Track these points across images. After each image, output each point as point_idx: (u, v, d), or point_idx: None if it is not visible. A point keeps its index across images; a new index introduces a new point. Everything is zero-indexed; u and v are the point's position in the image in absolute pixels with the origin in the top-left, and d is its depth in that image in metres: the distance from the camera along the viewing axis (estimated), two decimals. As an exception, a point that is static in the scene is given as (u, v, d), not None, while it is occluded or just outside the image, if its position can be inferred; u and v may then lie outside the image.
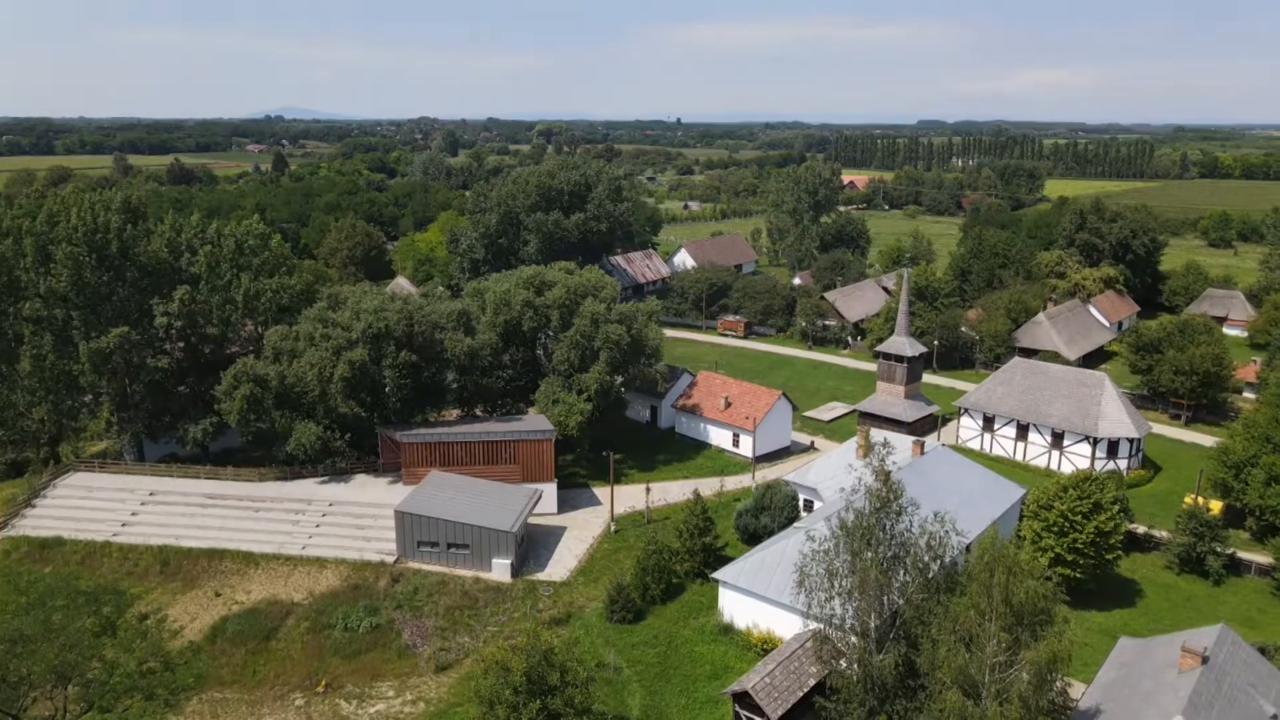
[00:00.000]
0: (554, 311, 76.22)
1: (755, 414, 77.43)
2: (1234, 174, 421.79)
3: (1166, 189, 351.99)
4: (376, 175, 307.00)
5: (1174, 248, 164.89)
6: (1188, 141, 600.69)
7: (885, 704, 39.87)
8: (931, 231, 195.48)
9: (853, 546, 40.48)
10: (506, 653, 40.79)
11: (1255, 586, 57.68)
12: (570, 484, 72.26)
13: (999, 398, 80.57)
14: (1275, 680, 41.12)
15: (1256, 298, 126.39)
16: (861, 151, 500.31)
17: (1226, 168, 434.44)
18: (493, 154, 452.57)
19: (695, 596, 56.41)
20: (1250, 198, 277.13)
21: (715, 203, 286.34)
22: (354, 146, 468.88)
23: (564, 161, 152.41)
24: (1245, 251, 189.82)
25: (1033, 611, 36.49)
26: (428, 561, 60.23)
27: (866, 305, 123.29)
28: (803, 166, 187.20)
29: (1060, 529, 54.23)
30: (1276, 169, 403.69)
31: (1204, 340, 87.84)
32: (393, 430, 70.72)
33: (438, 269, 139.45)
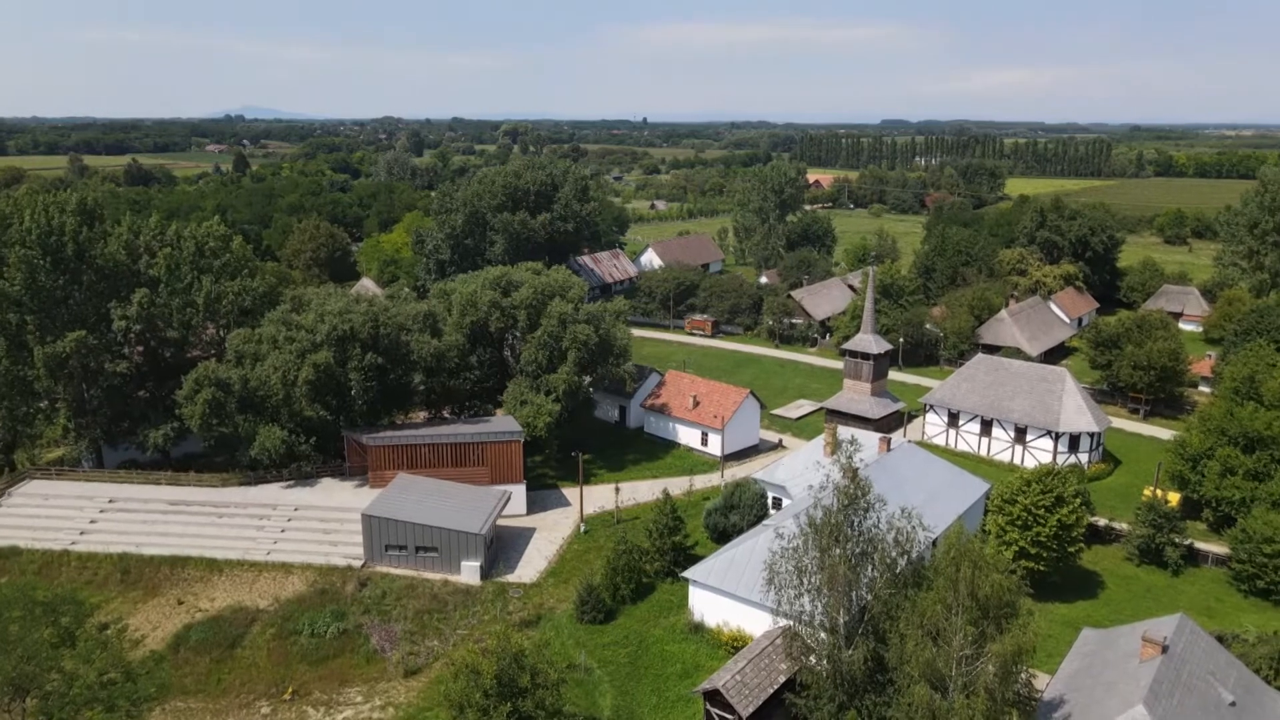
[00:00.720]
0: (521, 312, 75.91)
1: (723, 412, 77.71)
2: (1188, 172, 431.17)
3: (1123, 187, 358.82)
4: (340, 176, 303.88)
5: (1131, 245, 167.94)
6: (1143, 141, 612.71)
7: (854, 699, 40.18)
8: (896, 230, 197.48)
9: (821, 543, 40.75)
10: (476, 655, 40.54)
11: (1212, 576, 58.94)
12: (539, 485, 72.01)
13: (963, 394, 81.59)
14: (1233, 668, 42.05)
15: (1210, 293, 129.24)
16: (826, 151, 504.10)
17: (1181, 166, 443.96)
18: (458, 154, 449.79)
19: (665, 595, 56.48)
20: (1203, 196, 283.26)
21: (682, 202, 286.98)
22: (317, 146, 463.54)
23: (530, 161, 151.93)
24: (1199, 248, 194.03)
25: (998, 605, 36.99)
26: (396, 565, 59.68)
27: (832, 303, 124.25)
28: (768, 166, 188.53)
29: (1024, 523, 55.03)
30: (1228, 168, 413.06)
31: (1161, 336, 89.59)
32: (359, 433, 70.00)
33: (403, 270, 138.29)
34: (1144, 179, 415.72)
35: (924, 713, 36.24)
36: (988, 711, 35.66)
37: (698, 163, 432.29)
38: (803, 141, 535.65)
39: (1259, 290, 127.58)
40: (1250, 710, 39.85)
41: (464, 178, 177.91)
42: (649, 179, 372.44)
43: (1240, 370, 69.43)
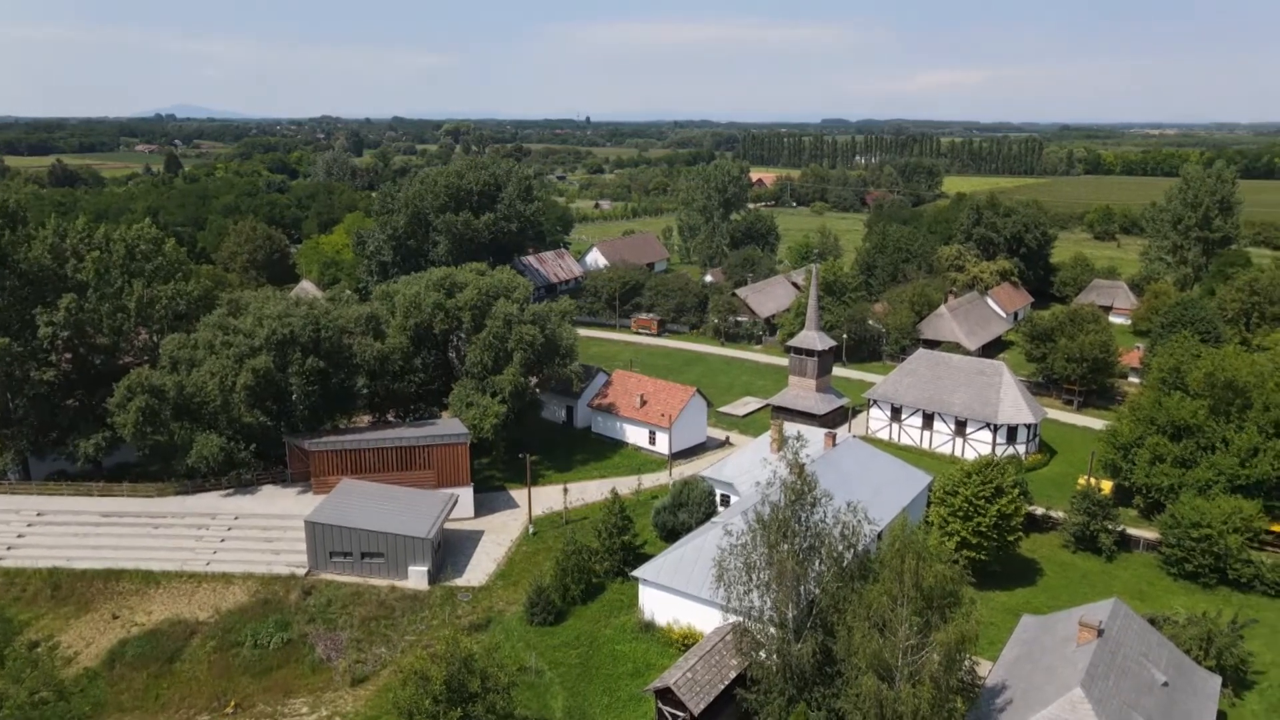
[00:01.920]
0: (466, 313, 75.20)
1: (670, 411, 77.96)
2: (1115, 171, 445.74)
3: (1055, 185, 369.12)
4: (277, 176, 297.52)
5: (1063, 241, 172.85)
6: (1073, 140, 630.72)
7: (804, 692, 40.63)
8: (838, 228, 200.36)
9: (769, 539, 41.10)
10: (425, 661, 40.02)
11: (1144, 561, 60.93)
12: (487, 487, 71.43)
13: (905, 388, 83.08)
14: (1164, 649, 43.56)
15: (1138, 287, 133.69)
16: (769, 150, 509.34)
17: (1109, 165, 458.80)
18: (399, 154, 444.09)
19: (615, 595, 56.45)
20: (1130, 193, 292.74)
21: (626, 201, 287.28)
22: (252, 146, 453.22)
23: (473, 161, 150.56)
24: (1127, 244, 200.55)
25: (942, 594, 37.76)
26: (341, 572, 58.67)
27: (777, 301, 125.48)
28: (712, 165, 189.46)
29: (965, 513, 56.23)
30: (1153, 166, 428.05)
31: (1092, 329, 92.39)
32: (300, 439, 68.63)
33: (344, 272, 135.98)
34: (1074, 177, 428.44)
35: (871, 703, 36.83)
36: (933, 700, 36.37)
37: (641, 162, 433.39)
38: (745, 141, 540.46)
39: (1183, 284, 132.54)
40: (1181, 689, 41.34)
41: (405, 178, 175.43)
42: (593, 178, 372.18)
43: (1167, 361, 71.87)
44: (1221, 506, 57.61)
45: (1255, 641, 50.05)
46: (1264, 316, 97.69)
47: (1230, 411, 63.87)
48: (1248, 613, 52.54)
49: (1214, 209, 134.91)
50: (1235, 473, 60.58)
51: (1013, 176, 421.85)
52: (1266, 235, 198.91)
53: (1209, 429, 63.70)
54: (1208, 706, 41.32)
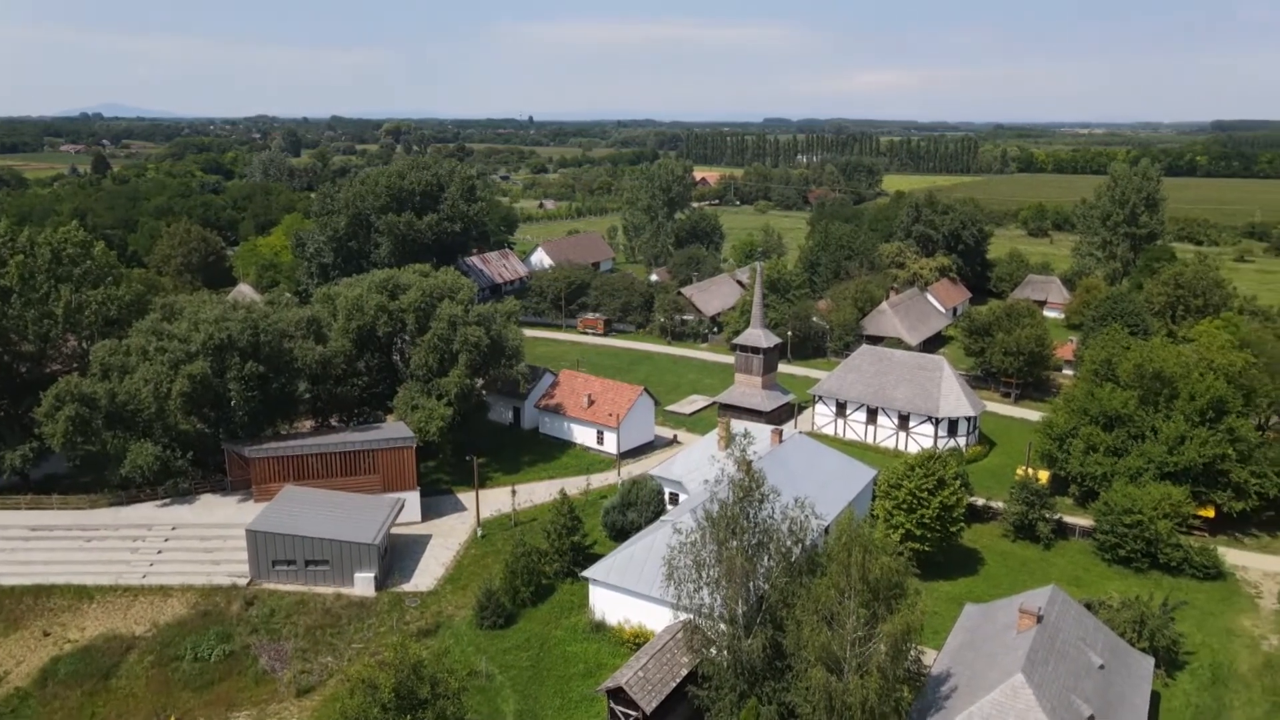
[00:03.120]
0: (409, 315, 74.23)
1: (618, 410, 77.98)
2: (1047, 169, 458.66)
3: (990, 183, 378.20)
4: (211, 177, 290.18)
5: (999, 237, 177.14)
6: (1006, 139, 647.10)
7: (755, 687, 40.98)
8: (781, 226, 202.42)
9: (718, 536, 41.35)
10: (373, 669, 39.38)
11: (1080, 548, 62.75)
12: (434, 491, 70.63)
13: (849, 384, 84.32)
14: (1100, 633, 44.93)
15: (1070, 282, 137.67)
16: (712, 149, 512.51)
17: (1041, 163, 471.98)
18: (338, 154, 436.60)
19: (566, 596, 56.29)
20: (1062, 190, 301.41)
21: (571, 201, 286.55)
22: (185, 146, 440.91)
23: (414, 161, 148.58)
24: (1060, 240, 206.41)
25: (888, 586, 38.42)
26: (284, 581, 57.46)
27: (722, 299, 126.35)
28: (656, 164, 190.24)
29: (909, 506, 57.28)
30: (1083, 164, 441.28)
31: (1028, 323, 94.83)
32: (240, 445, 67.04)
33: (284, 275, 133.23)
34: (1008, 175, 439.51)
35: (821, 695, 37.31)
36: (880, 690, 36.99)
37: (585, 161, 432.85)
38: (689, 140, 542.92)
39: (1113, 278, 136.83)
40: (1117, 671, 42.69)
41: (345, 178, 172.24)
42: (537, 178, 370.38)
43: (1098, 354, 74.10)
44: (1151, 493, 59.61)
45: (1185, 623, 51.94)
46: (1188, 309, 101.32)
47: (1158, 401, 66.11)
48: (1178, 595, 54.52)
49: (1140, 206, 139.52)
50: (1164, 460, 62.73)
51: (950, 175, 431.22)
52: (1189, 231, 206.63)
53: (1139, 418, 65.84)
54: (1142, 688, 42.74)
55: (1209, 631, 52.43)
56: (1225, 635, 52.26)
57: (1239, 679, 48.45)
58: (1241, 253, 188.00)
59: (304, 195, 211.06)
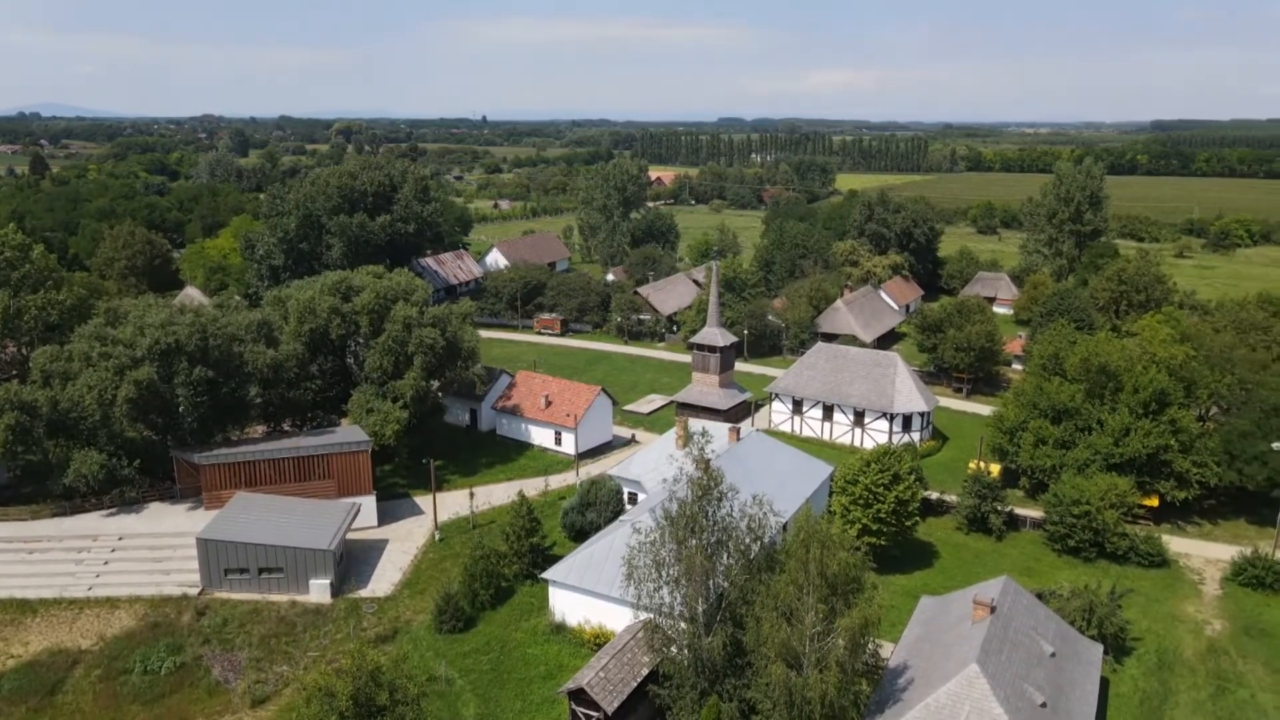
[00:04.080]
0: (363, 317, 73.28)
1: (576, 411, 77.80)
2: (995, 168, 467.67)
3: (940, 181, 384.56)
4: (156, 178, 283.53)
5: (949, 235, 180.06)
6: (955, 138, 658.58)
7: (715, 684, 41.15)
8: (736, 225, 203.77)
9: (677, 535, 41.45)
10: (330, 677, 38.81)
11: (1030, 539, 64.06)
12: (390, 495, 69.82)
13: (805, 381, 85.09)
14: (1052, 621, 45.93)
15: (1019, 279, 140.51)
16: (667, 148, 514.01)
17: (989, 162, 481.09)
18: (287, 154, 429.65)
19: (526, 598, 56.02)
20: (1009, 189, 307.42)
21: (525, 201, 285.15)
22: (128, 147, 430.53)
23: (366, 161, 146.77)
24: (1008, 237, 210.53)
25: (845, 581, 38.83)
26: (237, 590, 56.37)
27: (679, 298, 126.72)
28: (611, 164, 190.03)
29: (865, 501, 57.99)
30: (1029, 163, 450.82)
31: (978, 319, 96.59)
32: (189, 452, 65.61)
33: (233, 277, 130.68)
34: (957, 174, 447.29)
35: (781, 690, 37.61)
36: (839, 684, 37.43)
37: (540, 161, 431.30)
38: (643, 139, 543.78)
39: (1059, 274, 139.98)
40: (1068, 658, 43.68)
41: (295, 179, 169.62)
42: (491, 178, 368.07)
43: (1046, 348, 75.72)
44: (1098, 484, 61.07)
45: (1132, 610, 53.31)
46: (1131, 304, 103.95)
47: (1104, 394, 67.73)
48: (1124, 583, 55.98)
49: (1084, 204, 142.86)
50: (1110, 452, 64.30)
51: (901, 174, 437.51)
52: (1131, 228, 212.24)
53: (1085, 411, 67.40)
54: (1091, 674, 43.77)
55: (1154, 618, 53.87)
56: (1170, 621, 53.75)
57: (1184, 664, 49.86)
58: (1181, 249, 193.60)
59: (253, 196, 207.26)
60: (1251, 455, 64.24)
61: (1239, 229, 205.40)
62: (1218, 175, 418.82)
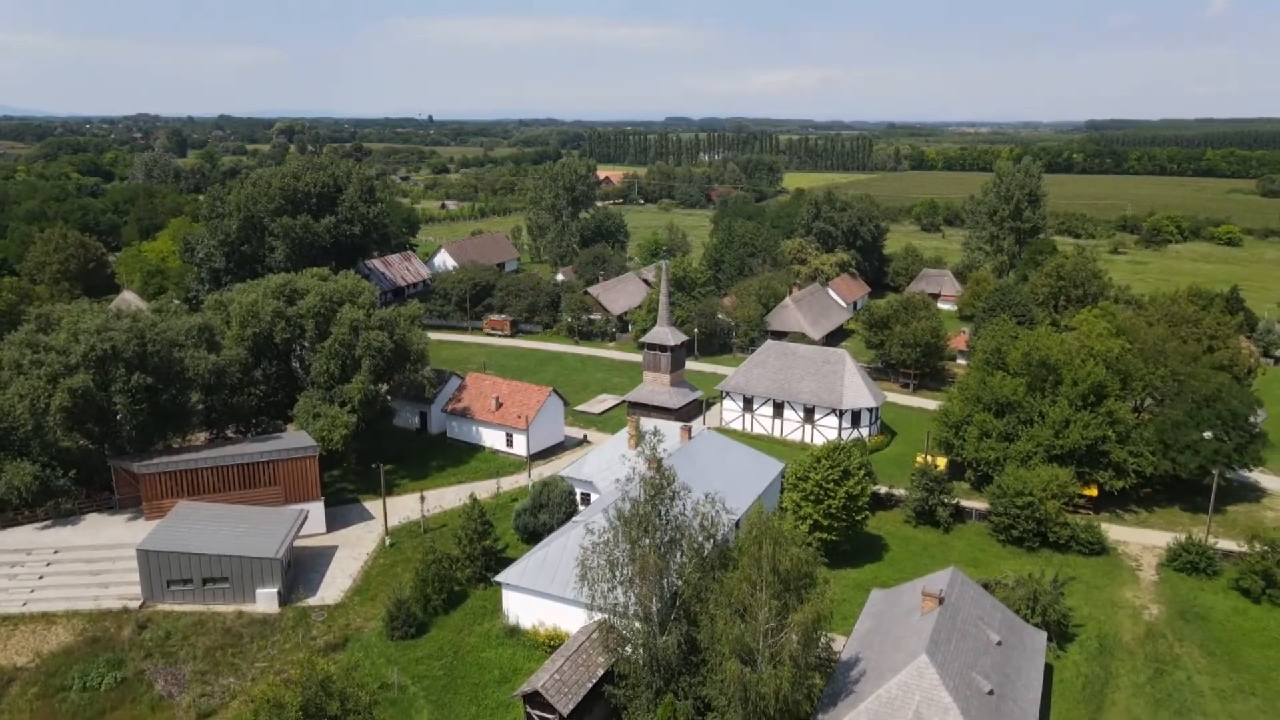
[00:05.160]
0: (308, 321, 71.98)
1: (527, 412, 77.41)
2: (937, 166, 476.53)
3: (884, 180, 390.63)
4: (90, 179, 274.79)
5: (894, 233, 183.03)
6: (898, 137, 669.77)
7: (671, 683, 41.29)
8: (685, 224, 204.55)
9: (631, 535, 41.48)
10: (278, 688, 38.13)
11: (976, 530, 65.43)
12: (339, 500, 68.72)
13: (756, 379, 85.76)
14: (998, 610, 46.96)
15: (962, 275, 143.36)
16: (615, 148, 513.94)
17: (931, 161, 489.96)
18: (228, 154, 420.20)
19: (479, 602, 55.57)
20: (951, 187, 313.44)
21: (473, 201, 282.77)
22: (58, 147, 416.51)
23: (309, 161, 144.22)
24: (951, 235, 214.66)
25: (798, 577, 39.24)
26: (180, 601, 54.98)
27: (629, 298, 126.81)
28: (559, 163, 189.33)
29: (816, 497, 58.64)
30: (970, 161, 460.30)
31: (923, 315, 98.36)
32: (128, 461, 63.81)
33: (172, 281, 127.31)
34: (901, 172, 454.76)
35: (735, 687, 37.87)
36: (793, 678, 37.84)
37: (488, 161, 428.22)
38: (592, 139, 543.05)
39: (1000, 271, 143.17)
40: (1013, 646, 44.71)
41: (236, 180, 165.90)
42: (438, 178, 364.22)
43: (989, 343, 77.37)
44: (1040, 475, 62.60)
45: (1074, 597, 54.78)
46: (1069, 299, 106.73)
47: (1045, 387, 69.42)
48: (1066, 571, 57.49)
49: (1024, 202, 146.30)
50: (1051, 443, 65.93)
51: (846, 172, 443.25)
52: (1068, 225, 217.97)
53: (1027, 404, 69.01)
54: (1036, 661, 44.88)
55: (1095, 604, 55.42)
56: (1110, 607, 55.33)
57: (1123, 648, 51.36)
58: (1115, 245, 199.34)
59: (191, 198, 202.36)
60: (1184, 444, 66.44)
61: (1170, 225, 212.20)
62: (1149, 174, 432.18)
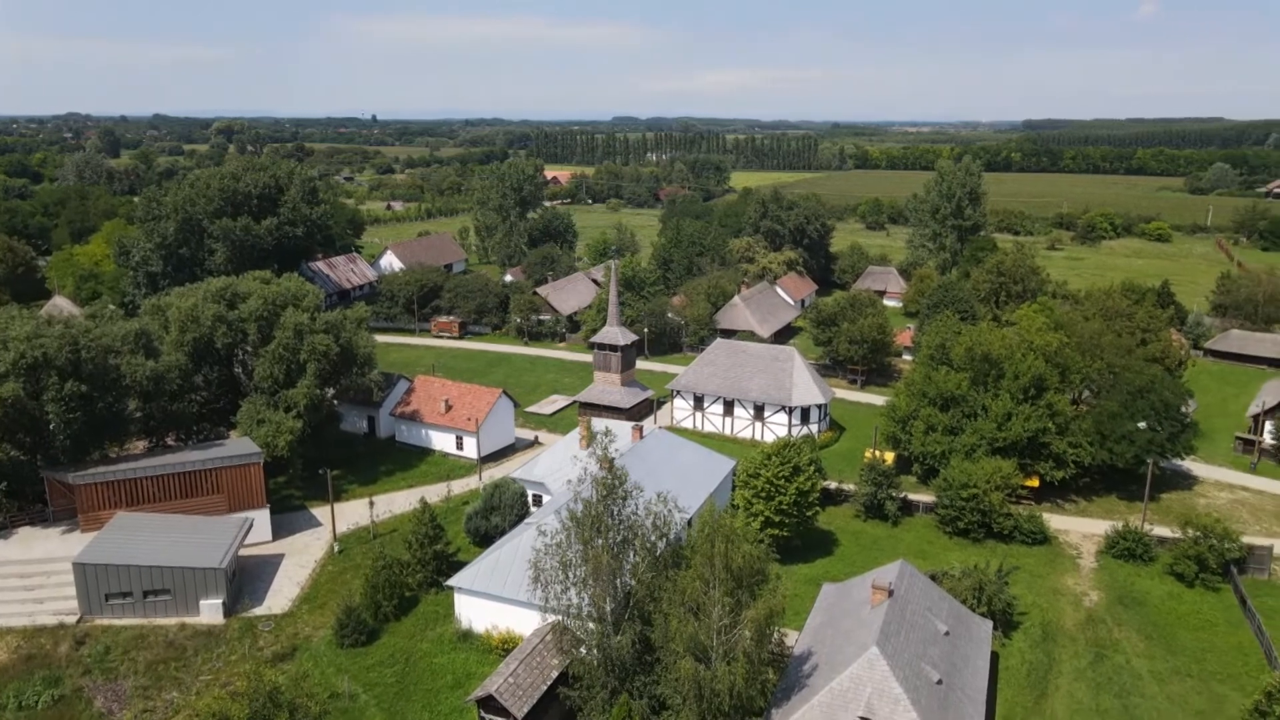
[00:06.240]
0: (251, 325, 70.50)
1: (477, 414, 76.80)
2: (881, 165, 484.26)
3: (830, 179, 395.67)
4: (17, 180, 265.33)
5: (840, 231, 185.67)
6: (843, 137, 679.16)
7: (625, 683, 41.30)
8: (634, 223, 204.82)
9: (583, 536, 41.41)
10: (224, 701, 37.36)
11: (924, 523, 66.62)
12: (285, 508, 67.41)
13: (706, 378, 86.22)
14: (945, 601, 47.87)
15: (906, 272, 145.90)
16: (562, 148, 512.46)
17: (875, 160, 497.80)
18: (164, 155, 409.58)
19: (431, 607, 54.97)
20: (895, 185, 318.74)
21: (419, 202, 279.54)
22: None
23: (249, 162, 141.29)
24: (895, 232, 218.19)
25: (750, 574, 39.53)
26: (121, 615, 53.41)
27: (578, 298, 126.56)
28: (506, 163, 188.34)
29: (767, 494, 59.15)
30: (913, 160, 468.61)
31: (870, 312, 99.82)
32: (62, 472, 61.77)
33: (106, 286, 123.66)
34: (846, 171, 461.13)
35: (690, 685, 38.04)
36: (747, 674, 38.10)
37: (433, 161, 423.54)
38: (539, 139, 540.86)
39: (943, 268, 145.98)
40: (960, 636, 45.61)
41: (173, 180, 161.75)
42: (383, 179, 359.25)
43: (933, 339, 78.83)
44: (984, 468, 63.98)
45: (1018, 586, 56.08)
46: (1010, 295, 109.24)
47: (987, 381, 70.97)
48: (1010, 561, 58.81)
49: (965, 200, 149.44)
50: (994, 436, 67.42)
51: (793, 171, 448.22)
52: (1007, 222, 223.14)
53: (971, 398, 70.48)
54: (983, 649, 45.86)
55: (1038, 592, 56.82)
56: (1052, 595, 56.79)
57: (1065, 634, 52.76)
58: (1052, 241, 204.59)
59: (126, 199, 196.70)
60: (1120, 435, 68.48)
61: (1103, 222, 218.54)
62: (1083, 172, 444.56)
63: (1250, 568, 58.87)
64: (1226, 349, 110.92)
